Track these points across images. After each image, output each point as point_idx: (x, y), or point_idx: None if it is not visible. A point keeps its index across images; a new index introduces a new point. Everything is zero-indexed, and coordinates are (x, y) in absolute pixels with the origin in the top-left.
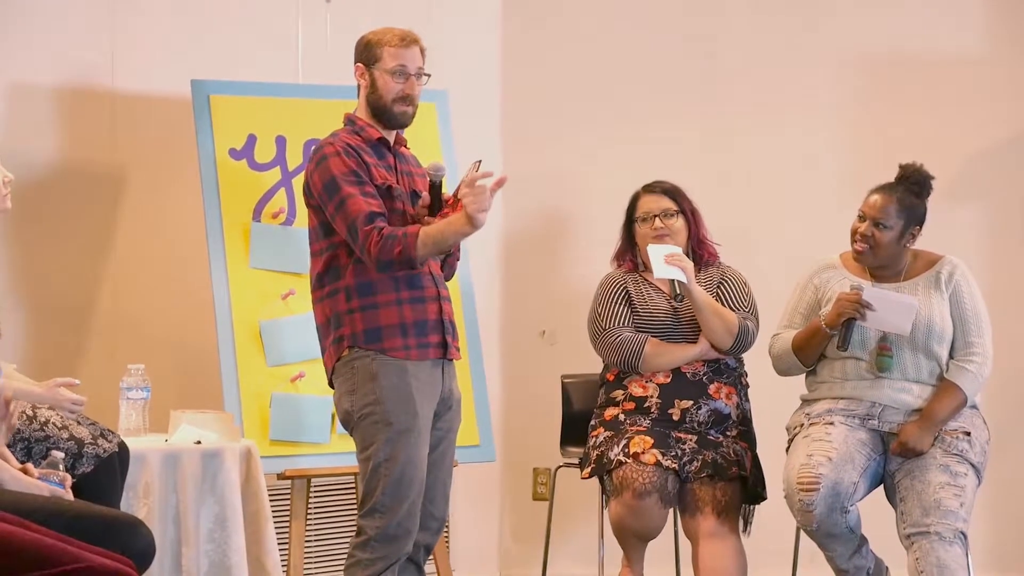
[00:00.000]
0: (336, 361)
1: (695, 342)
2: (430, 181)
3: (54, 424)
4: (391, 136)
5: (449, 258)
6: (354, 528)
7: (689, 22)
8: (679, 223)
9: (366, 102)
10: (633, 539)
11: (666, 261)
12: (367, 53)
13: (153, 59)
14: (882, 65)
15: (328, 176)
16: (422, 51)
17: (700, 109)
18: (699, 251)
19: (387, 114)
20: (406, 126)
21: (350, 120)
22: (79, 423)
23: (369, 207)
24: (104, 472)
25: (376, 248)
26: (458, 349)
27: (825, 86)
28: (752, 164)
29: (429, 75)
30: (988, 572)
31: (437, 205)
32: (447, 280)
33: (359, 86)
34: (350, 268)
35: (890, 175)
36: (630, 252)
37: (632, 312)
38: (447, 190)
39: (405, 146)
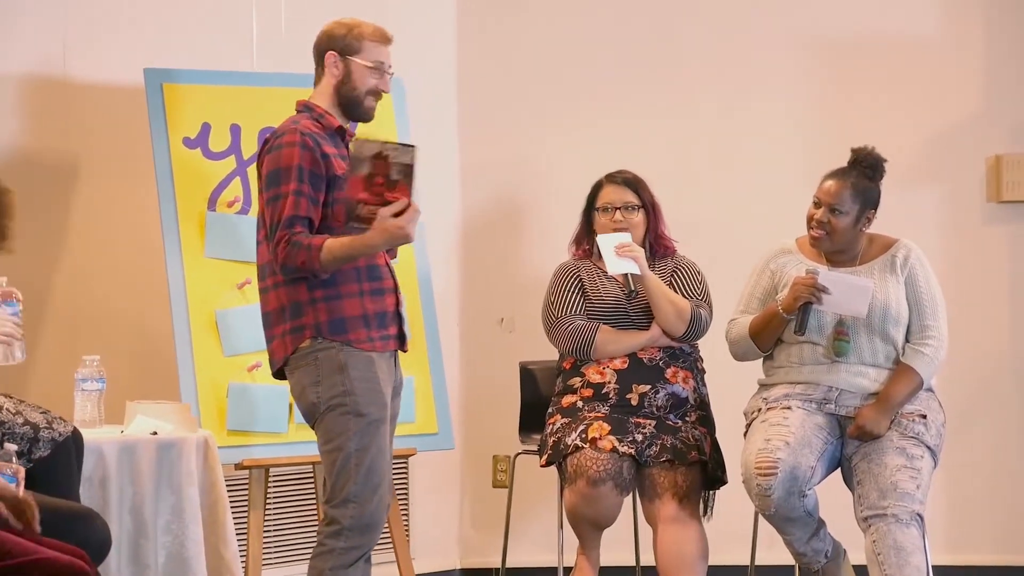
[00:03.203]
0: (292, 352)
1: (647, 329)
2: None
3: (8, 410)
4: (347, 126)
5: (389, 251)
6: (314, 517)
7: (648, 8)
8: (638, 217)
9: (334, 91)
10: (588, 526)
11: (617, 252)
12: (344, 42)
13: (106, 48)
14: (838, 48)
15: (277, 164)
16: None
17: (658, 96)
18: (655, 245)
19: (357, 107)
20: (369, 120)
21: (308, 107)
22: (32, 408)
23: (295, 210)
24: (60, 456)
25: (283, 254)
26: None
27: (781, 70)
28: (709, 150)
29: (392, 73)
30: (944, 554)
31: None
32: None
33: (322, 74)
34: None
35: (845, 159)
36: (587, 238)
37: (585, 300)
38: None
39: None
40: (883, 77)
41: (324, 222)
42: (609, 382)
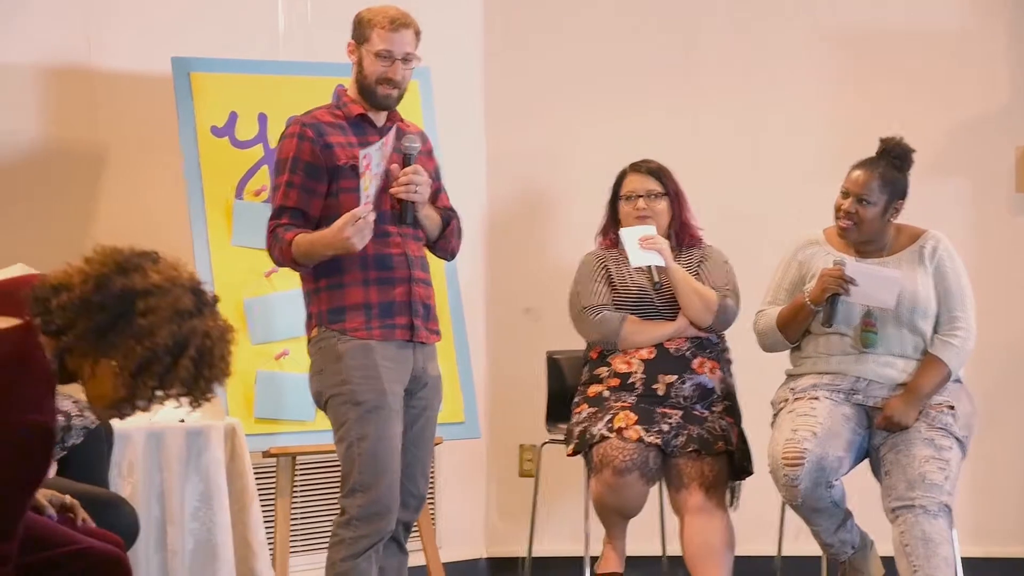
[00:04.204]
0: (308, 340)
1: (674, 319)
2: (403, 155)
3: None
4: (380, 115)
5: (440, 240)
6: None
7: (674, 1)
8: (662, 205)
9: (354, 79)
10: (614, 516)
11: (640, 245)
12: (359, 31)
13: (133, 37)
14: (863, 39)
15: (277, 155)
16: (417, 34)
17: (682, 86)
18: (681, 234)
19: (371, 95)
20: (389, 108)
21: (337, 95)
22: (63, 397)
23: (284, 200)
24: (92, 444)
25: (267, 245)
26: (435, 332)
27: (806, 62)
28: (735, 141)
29: (419, 59)
30: (972, 545)
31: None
32: (447, 260)
33: (352, 62)
34: None
35: (872, 149)
36: (613, 228)
37: (612, 290)
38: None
39: (402, 121)
40: (910, 68)
41: (329, 212)
42: (636, 372)
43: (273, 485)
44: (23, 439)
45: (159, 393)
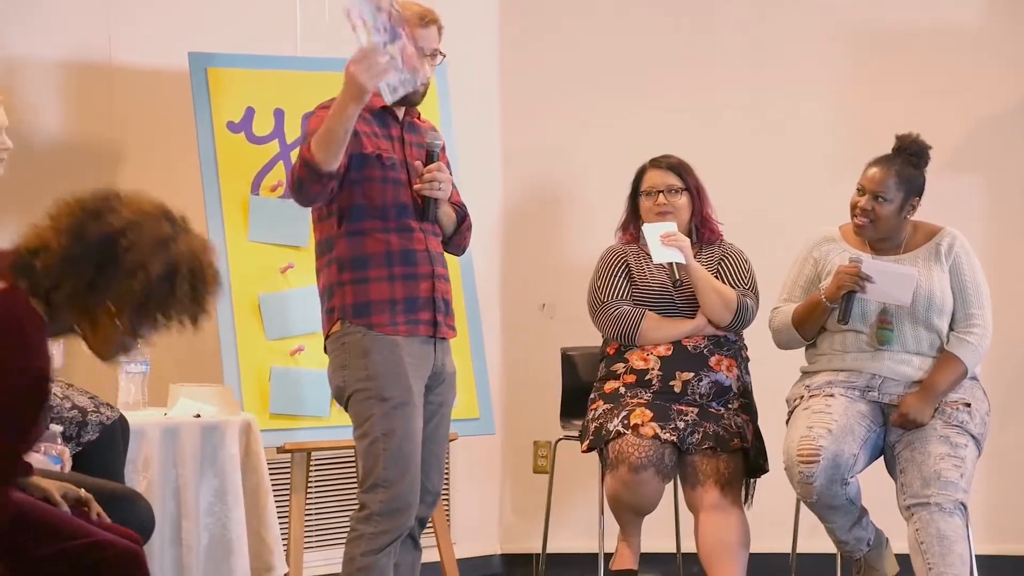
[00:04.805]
0: (328, 335)
1: (693, 317)
2: (426, 151)
3: (55, 394)
4: (399, 108)
5: (455, 236)
6: (355, 500)
7: None
8: (683, 200)
9: None
10: (629, 513)
11: (662, 242)
12: None
13: (150, 32)
14: (879, 36)
15: (307, 127)
16: (439, 30)
17: (697, 82)
18: (702, 229)
19: None
20: (415, 104)
21: None
22: (79, 392)
23: None
24: (108, 439)
25: (288, 181)
26: (453, 328)
27: (822, 57)
28: (749, 137)
29: (444, 55)
30: (988, 543)
31: None
32: (458, 256)
33: None
34: (343, 240)
35: (888, 147)
36: (634, 224)
37: (631, 286)
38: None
39: (419, 117)
40: (926, 65)
41: (350, 202)
42: (652, 369)
43: (288, 481)
44: (19, 386)
45: (161, 319)
